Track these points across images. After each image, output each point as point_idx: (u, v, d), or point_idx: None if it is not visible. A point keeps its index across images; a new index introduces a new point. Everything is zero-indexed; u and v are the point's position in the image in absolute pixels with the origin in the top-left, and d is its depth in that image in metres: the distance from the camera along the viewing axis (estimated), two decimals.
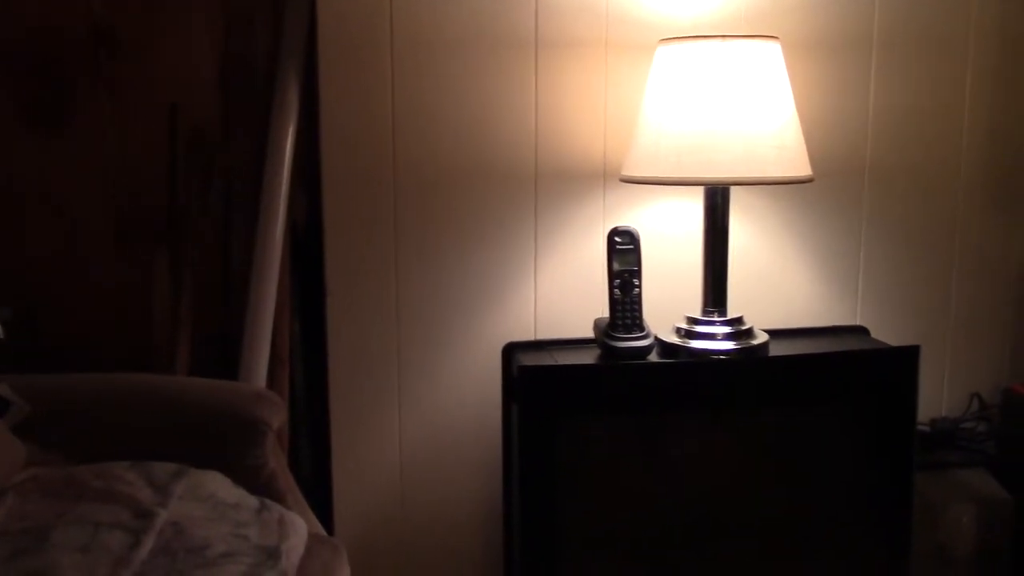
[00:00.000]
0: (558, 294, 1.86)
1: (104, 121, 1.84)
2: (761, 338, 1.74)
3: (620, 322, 1.69)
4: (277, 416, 1.58)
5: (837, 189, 1.92)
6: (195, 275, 1.85)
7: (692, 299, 1.77)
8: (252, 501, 1.44)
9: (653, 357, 1.70)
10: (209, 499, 1.40)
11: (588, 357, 1.72)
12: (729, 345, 1.71)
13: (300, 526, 1.44)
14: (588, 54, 1.81)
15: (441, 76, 1.78)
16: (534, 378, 1.66)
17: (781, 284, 1.93)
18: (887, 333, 1.93)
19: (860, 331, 1.92)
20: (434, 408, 1.85)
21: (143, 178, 1.85)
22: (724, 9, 1.84)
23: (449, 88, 1.78)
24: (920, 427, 1.82)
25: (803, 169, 1.67)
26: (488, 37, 1.78)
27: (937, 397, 2.00)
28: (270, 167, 1.78)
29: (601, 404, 1.68)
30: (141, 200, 1.86)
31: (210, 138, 1.86)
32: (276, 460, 1.58)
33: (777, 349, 1.75)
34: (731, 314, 1.74)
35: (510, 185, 1.82)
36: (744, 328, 1.73)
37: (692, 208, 1.83)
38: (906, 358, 1.74)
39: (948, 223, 1.98)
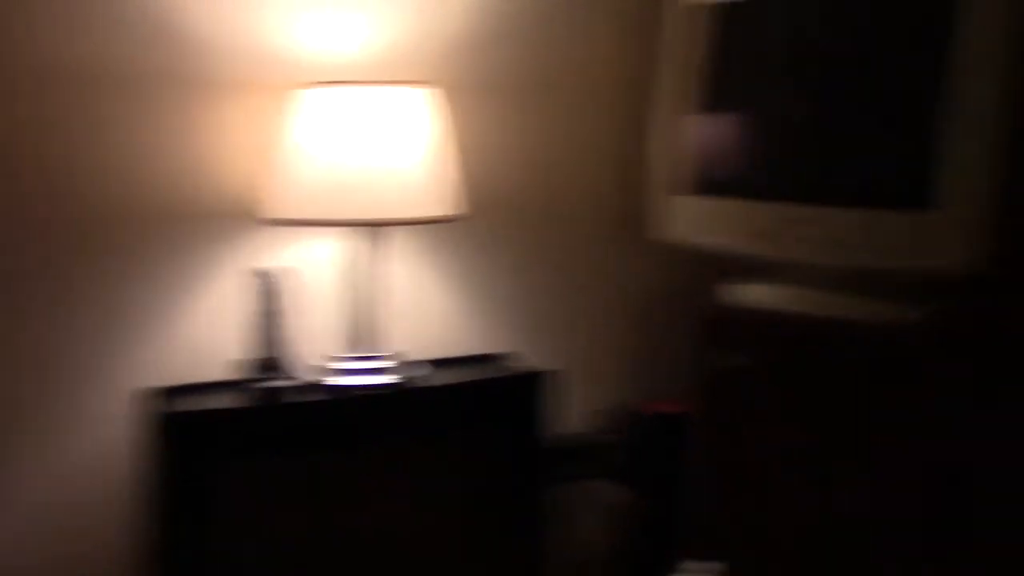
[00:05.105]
0: (206, 336, 1.83)
1: None
2: (408, 371, 1.81)
3: (267, 363, 1.70)
4: None
5: (484, 223, 2.02)
6: None
7: (342, 336, 1.82)
8: None
9: (300, 396, 1.72)
10: None
11: (235, 399, 1.71)
12: (377, 380, 1.76)
13: None
14: (234, 94, 1.81)
15: (74, 115, 1.70)
16: (177, 425, 1.62)
17: (432, 316, 2.01)
18: (532, 356, 2.06)
19: (505, 357, 2.04)
20: (65, 464, 1.74)
21: None
22: (376, 52, 1.90)
23: (85, 128, 1.71)
24: (554, 442, 1.98)
25: (448, 208, 1.77)
26: (127, 75, 1.73)
27: (572, 413, 2.15)
28: None
29: (249, 447, 1.67)
30: None
31: None
32: None
33: (425, 381, 1.83)
34: (381, 349, 1.80)
35: (152, 226, 1.78)
36: (393, 363, 1.80)
37: (342, 246, 1.88)
38: (538, 381, 1.88)
39: (582, 253, 2.15)
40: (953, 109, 1.45)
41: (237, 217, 1.83)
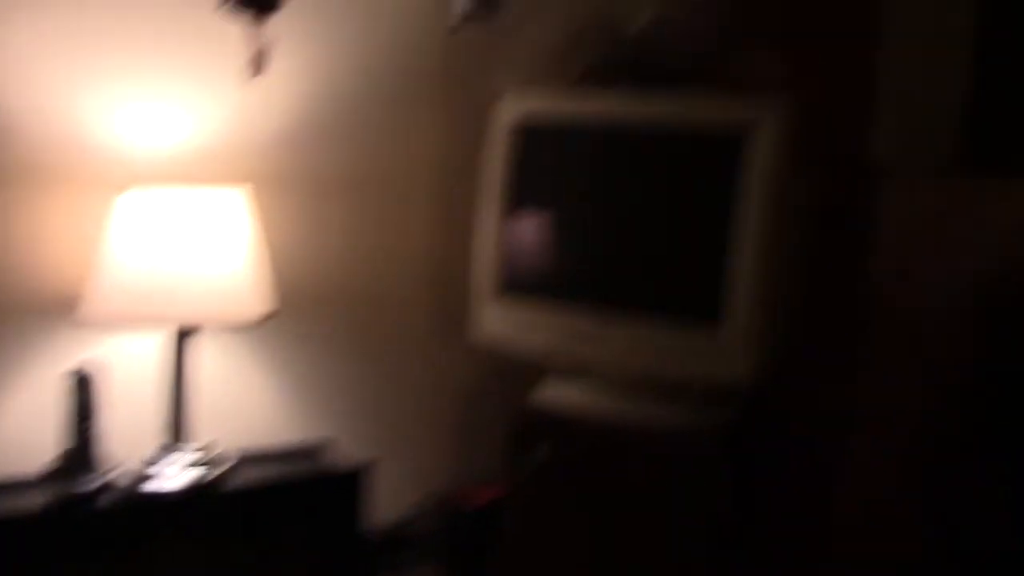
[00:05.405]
0: (18, 434, 1.79)
1: None
2: (226, 465, 1.82)
3: (77, 462, 1.69)
4: None
5: (304, 317, 2.05)
6: None
7: (157, 434, 1.81)
8: None
9: (109, 497, 1.69)
10: None
11: (40, 500, 1.66)
12: (193, 475, 1.76)
13: None
14: (52, 187, 1.79)
15: None
16: None
17: (252, 410, 2.02)
18: (357, 444, 2.08)
19: (325, 447, 2.06)
20: None
21: None
22: (197, 148, 1.91)
23: None
24: (375, 533, 2.01)
25: (263, 308, 1.80)
26: None
27: (397, 501, 2.17)
28: None
29: (55, 552, 1.64)
30: None
31: None
32: None
33: (247, 474, 1.85)
34: (196, 447, 1.80)
35: None
36: (210, 457, 1.81)
37: (158, 344, 1.87)
38: (356, 475, 1.92)
39: (400, 347, 2.20)
40: (739, 238, 1.57)
41: (52, 313, 1.81)
